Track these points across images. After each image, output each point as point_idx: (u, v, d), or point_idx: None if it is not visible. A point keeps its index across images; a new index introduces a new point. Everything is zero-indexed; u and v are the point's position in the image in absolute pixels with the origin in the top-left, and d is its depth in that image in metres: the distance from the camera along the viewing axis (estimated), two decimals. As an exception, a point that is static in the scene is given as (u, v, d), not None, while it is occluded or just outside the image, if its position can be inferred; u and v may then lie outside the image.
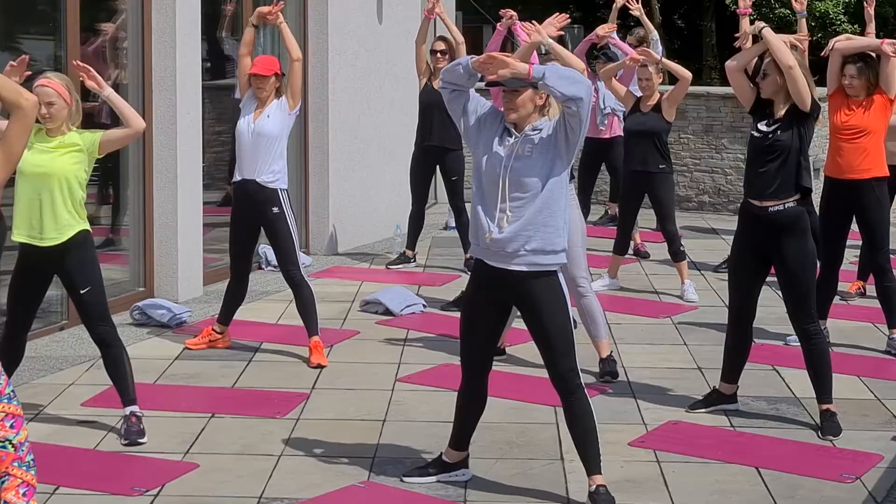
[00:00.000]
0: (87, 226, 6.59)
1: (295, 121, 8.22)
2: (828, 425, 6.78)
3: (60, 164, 6.48)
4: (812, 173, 7.04)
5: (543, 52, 7.87)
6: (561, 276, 5.78)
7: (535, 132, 5.70)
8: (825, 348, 6.97)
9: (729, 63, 7.06)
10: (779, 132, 6.78)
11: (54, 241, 6.52)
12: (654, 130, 9.95)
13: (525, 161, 5.64)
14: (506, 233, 5.63)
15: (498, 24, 8.78)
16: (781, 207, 6.79)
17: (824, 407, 6.87)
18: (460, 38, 10.97)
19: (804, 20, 9.51)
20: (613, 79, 9.89)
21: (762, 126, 6.86)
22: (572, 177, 7.84)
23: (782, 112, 6.79)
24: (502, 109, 5.82)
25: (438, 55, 10.69)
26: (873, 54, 8.25)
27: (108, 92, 6.67)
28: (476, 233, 5.79)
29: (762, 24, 6.88)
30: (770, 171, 6.79)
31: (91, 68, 6.69)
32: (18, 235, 6.53)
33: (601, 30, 10.24)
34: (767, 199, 6.81)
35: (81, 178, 6.53)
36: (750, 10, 9.85)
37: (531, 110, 5.70)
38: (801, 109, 6.73)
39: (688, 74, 9.90)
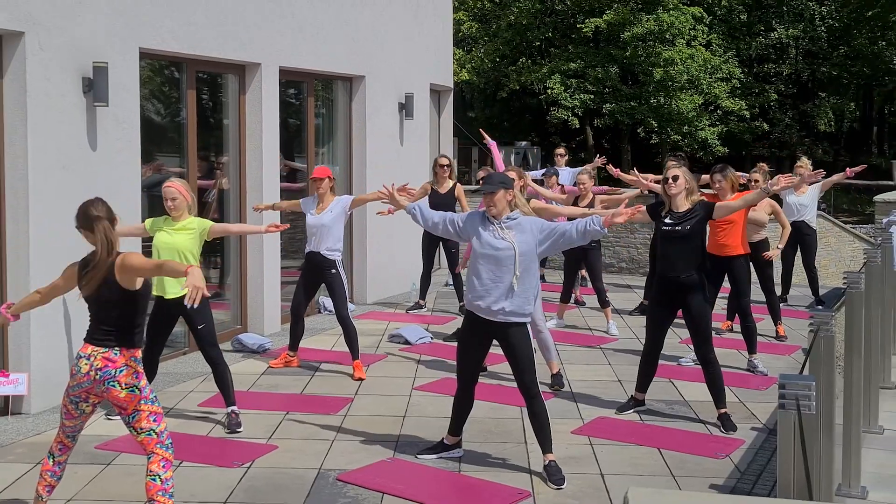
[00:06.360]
0: None
1: (347, 214, 8.12)
2: (728, 423, 6.67)
3: (181, 240, 6.48)
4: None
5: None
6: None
7: (510, 220, 5.62)
8: (720, 369, 6.85)
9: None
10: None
11: (175, 296, 6.51)
12: None
13: (502, 243, 5.55)
14: (489, 301, 5.59)
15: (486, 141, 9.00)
16: (690, 275, 6.72)
17: (722, 410, 6.76)
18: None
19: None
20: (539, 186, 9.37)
21: (676, 224, 6.70)
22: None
23: (692, 215, 6.71)
24: (481, 209, 5.73)
25: (444, 168, 10.66)
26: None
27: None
28: (467, 291, 5.75)
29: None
30: (684, 252, 6.71)
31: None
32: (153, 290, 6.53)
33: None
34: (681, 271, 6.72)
35: (195, 251, 6.50)
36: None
37: (504, 206, 5.59)
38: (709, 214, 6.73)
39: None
